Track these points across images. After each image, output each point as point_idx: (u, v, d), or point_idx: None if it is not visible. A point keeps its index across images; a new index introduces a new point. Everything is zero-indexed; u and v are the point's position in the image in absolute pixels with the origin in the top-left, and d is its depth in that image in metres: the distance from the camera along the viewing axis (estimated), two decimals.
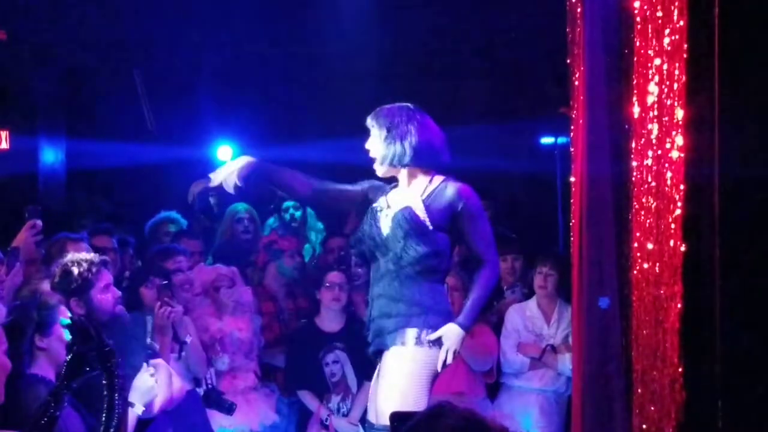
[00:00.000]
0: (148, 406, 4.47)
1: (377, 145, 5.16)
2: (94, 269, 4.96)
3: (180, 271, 6.60)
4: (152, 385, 4.49)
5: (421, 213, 5.11)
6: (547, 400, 7.10)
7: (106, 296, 4.99)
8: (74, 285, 4.92)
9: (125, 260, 7.15)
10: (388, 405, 4.97)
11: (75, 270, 4.93)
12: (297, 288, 7.89)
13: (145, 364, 4.61)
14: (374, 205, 5.28)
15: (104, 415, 3.56)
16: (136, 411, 4.43)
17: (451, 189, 5.17)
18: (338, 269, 7.41)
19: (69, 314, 4.40)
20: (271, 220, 9.05)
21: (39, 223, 5.70)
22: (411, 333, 5.06)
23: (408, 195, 5.21)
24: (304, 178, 5.34)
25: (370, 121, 5.17)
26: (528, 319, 7.21)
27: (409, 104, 5.18)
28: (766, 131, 5.43)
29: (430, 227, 5.10)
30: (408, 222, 5.10)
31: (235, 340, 6.93)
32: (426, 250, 5.08)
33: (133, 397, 4.46)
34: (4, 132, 8.23)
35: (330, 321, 7.22)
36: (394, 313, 5.11)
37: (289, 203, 8.93)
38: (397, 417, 4.36)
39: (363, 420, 6.94)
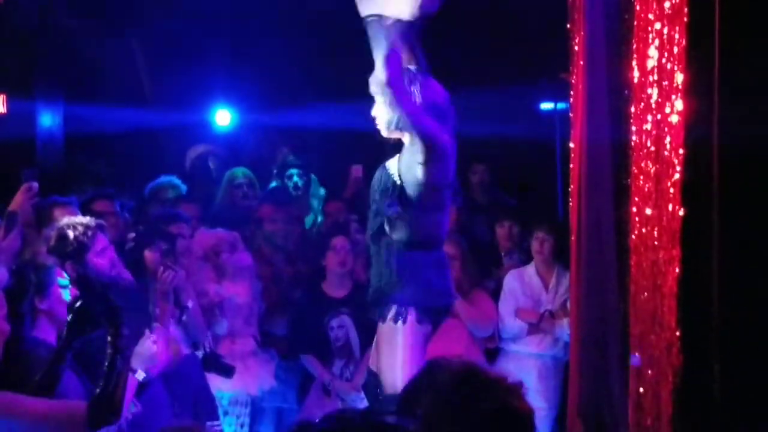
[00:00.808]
0: (148, 370, 4.49)
1: (382, 109, 5.10)
2: (89, 233, 4.94)
3: (182, 236, 6.59)
4: (154, 352, 4.51)
5: (393, 167, 5.03)
6: (545, 365, 7.13)
7: (102, 260, 4.98)
8: (70, 249, 4.91)
9: (125, 224, 7.13)
10: (391, 377, 4.97)
11: (70, 234, 4.91)
12: (296, 254, 7.89)
13: (147, 331, 4.63)
14: None
15: (105, 373, 3.55)
16: (137, 377, 4.45)
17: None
18: (340, 234, 7.39)
19: (66, 276, 4.41)
20: (274, 184, 9.03)
21: (35, 185, 5.66)
22: (396, 310, 5.02)
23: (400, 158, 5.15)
24: None
25: (373, 88, 5.12)
26: (526, 284, 7.23)
27: (411, 66, 5.13)
28: (765, 95, 5.42)
29: (399, 182, 4.98)
30: (383, 179, 5.07)
31: (233, 305, 6.94)
32: (395, 213, 4.98)
33: (134, 362, 4.47)
34: (1, 96, 8.19)
35: (336, 286, 7.23)
36: (382, 285, 5.08)
37: (293, 170, 8.90)
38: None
39: (365, 385, 6.97)
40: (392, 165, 5.06)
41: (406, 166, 4.97)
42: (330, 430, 2.06)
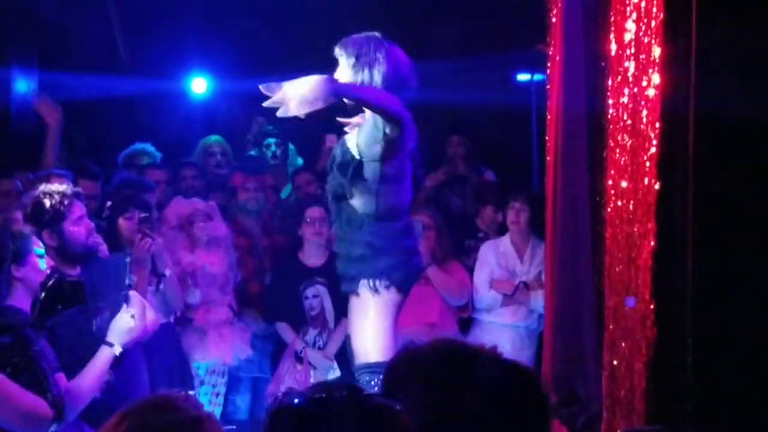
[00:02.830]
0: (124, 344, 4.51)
1: (345, 73, 5.07)
2: (66, 201, 4.91)
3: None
4: (132, 327, 4.52)
5: (351, 142, 5.02)
6: (519, 335, 7.16)
7: (78, 228, 4.95)
8: (46, 217, 4.88)
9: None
10: (363, 347, 4.98)
11: (47, 202, 4.89)
12: (272, 224, 7.88)
13: (125, 305, 4.62)
14: None
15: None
16: (114, 351, 4.45)
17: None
18: (316, 205, 7.38)
19: (42, 245, 4.40)
20: (252, 153, 8.99)
21: None
22: (364, 283, 4.99)
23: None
24: None
25: (338, 51, 5.08)
26: (501, 255, 7.24)
27: (376, 33, 5.10)
28: (742, 70, 5.44)
29: (358, 157, 4.96)
30: (340, 154, 5.05)
31: (207, 274, 6.93)
32: (350, 181, 4.97)
33: (111, 337, 4.47)
34: None
35: (312, 255, 7.23)
36: (350, 256, 5.07)
37: (271, 140, 8.84)
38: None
39: (338, 355, 6.99)
40: (350, 139, 5.05)
41: (366, 142, 4.96)
42: (314, 413, 2.02)
